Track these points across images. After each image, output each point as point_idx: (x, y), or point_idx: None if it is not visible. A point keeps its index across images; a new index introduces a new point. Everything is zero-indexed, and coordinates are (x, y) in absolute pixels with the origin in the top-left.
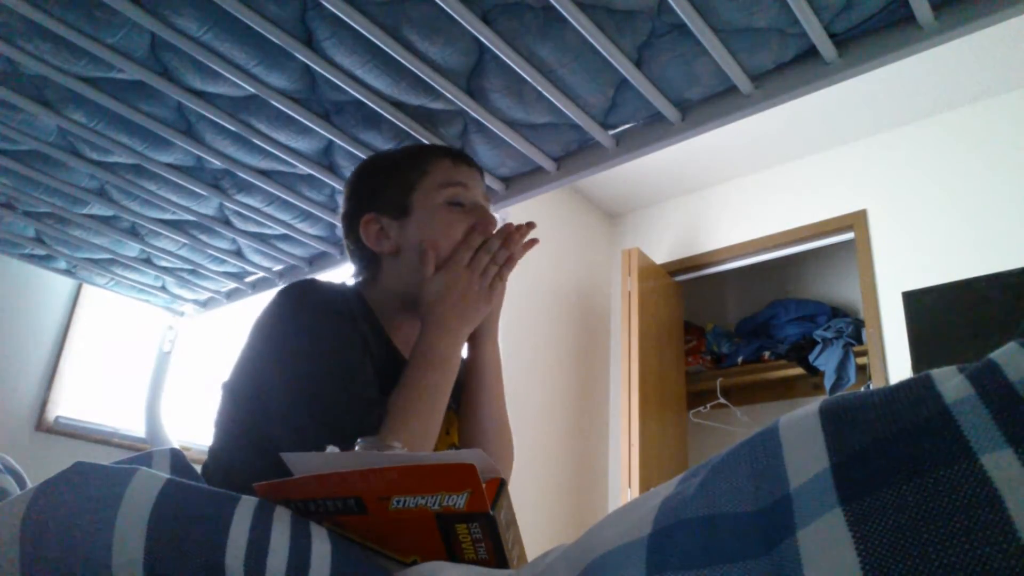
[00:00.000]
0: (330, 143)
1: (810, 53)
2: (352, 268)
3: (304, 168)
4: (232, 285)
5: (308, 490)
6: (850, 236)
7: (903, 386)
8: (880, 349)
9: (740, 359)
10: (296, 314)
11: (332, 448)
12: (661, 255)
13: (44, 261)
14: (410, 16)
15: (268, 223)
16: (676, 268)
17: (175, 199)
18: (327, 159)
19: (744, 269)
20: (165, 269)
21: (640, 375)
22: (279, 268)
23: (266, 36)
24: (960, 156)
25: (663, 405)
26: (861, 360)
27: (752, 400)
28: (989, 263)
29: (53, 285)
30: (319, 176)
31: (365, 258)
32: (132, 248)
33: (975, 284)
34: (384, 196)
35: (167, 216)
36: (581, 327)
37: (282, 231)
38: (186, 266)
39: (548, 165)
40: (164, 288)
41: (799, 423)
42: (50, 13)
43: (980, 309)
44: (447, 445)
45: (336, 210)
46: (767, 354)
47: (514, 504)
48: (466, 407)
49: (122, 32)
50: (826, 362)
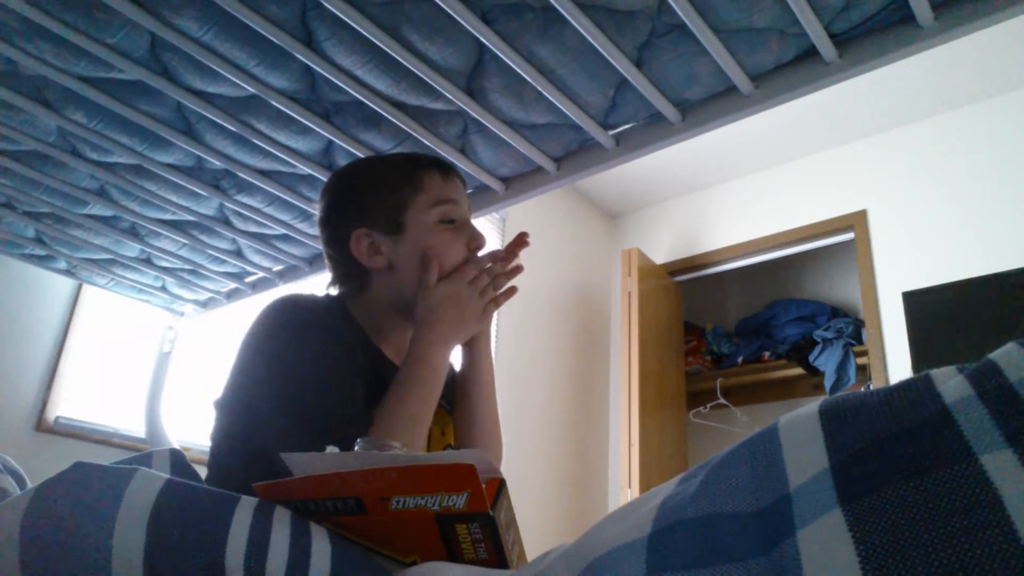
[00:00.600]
0: (330, 143)
1: (810, 53)
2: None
3: (304, 168)
4: (232, 285)
5: (308, 490)
6: (850, 236)
7: (903, 386)
8: (880, 349)
9: (740, 359)
10: (281, 330)
11: (332, 448)
12: (661, 255)
13: (44, 261)
14: (410, 16)
15: (268, 223)
16: (676, 268)
17: (175, 199)
18: (327, 159)
19: (744, 269)
20: (165, 269)
21: (640, 375)
22: (279, 268)
23: (266, 36)
24: (960, 156)
25: (663, 405)
26: (861, 360)
27: (752, 400)
28: (989, 263)
29: (53, 285)
30: (319, 176)
31: (352, 270)
32: (132, 248)
33: (975, 284)
34: (376, 213)
35: (167, 216)
36: (581, 327)
37: (282, 231)
38: (186, 266)
39: (548, 165)
40: (164, 288)
41: (799, 423)
42: (50, 13)
43: (980, 309)
44: (443, 445)
45: None
46: (767, 354)
47: (514, 504)
48: (460, 409)
49: (122, 32)
50: (826, 362)
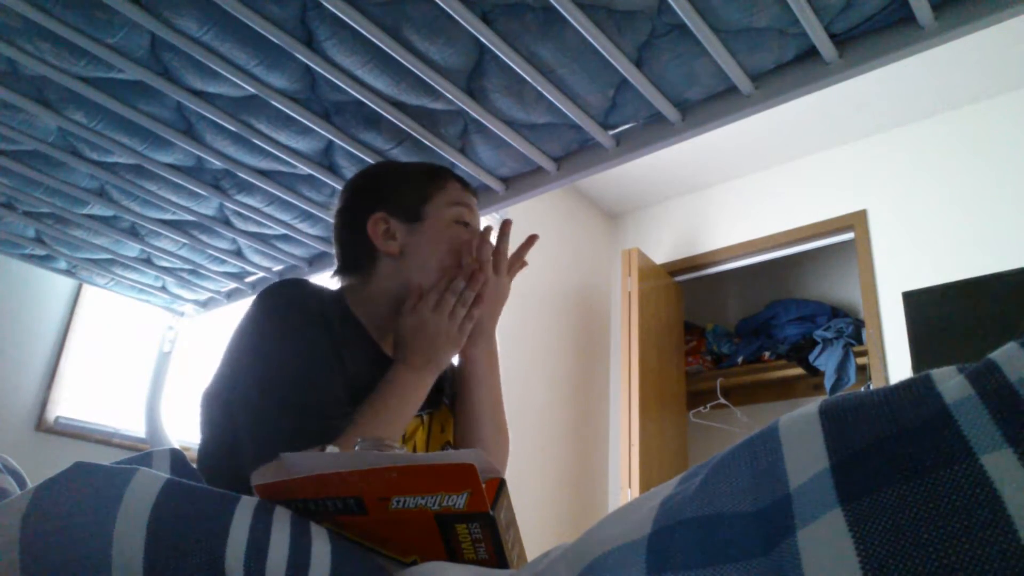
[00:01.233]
0: (330, 143)
1: (810, 53)
2: (334, 268)
3: (304, 168)
4: (232, 285)
5: (308, 490)
6: (850, 236)
7: (903, 386)
8: (880, 349)
9: (740, 359)
10: (269, 316)
11: (332, 448)
12: (661, 255)
13: (44, 261)
14: (410, 16)
15: (268, 223)
16: (676, 268)
17: (175, 199)
18: (327, 159)
19: (744, 269)
20: (165, 269)
21: (640, 375)
22: (279, 268)
23: (266, 36)
24: (960, 156)
25: (663, 405)
26: (861, 360)
27: (752, 400)
28: (989, 263)
29: (53, 285)
30: (319, 176)
31: (362, 255)
32: (132, 248)
33: (975, 284)
34: (397, 198)
35: (167, 216)
36: (581, 327)
37: (282, 231)
38: (186, 266)
39: (548, 165)
40: (164, 288)
41: (799, 423)
42: (50, 13)
43: (980, 309)
44: (442, 443)
45: None
46: (767, 354)
47: (514, 504)
48: (461, 406)
49: (122, 32)
50: (826, 362)
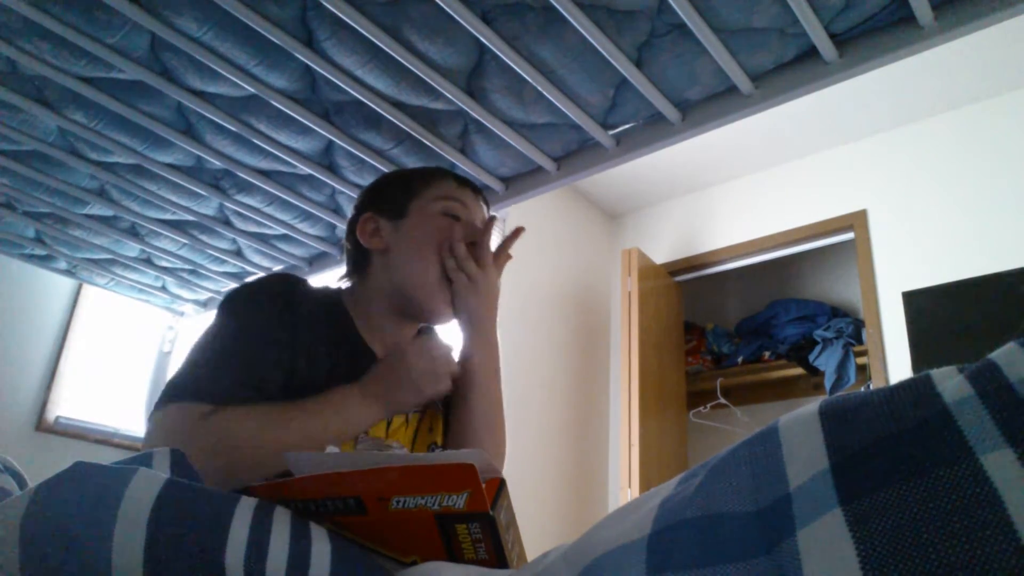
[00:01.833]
0: (330, 143)
1: (810, 53)
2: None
3: (304, 168)
4: (232, 285)
5: (308, 490)
6: (850, 236)
7: (903, 386)
8: (880, 349)
9: (740, 359)
10: (224, 309)
11: (332, 448)
12: (661, 255)
13: (44, 261)
14: (410, 16)
15: (268, 223)
16: (676, 268)
17: (175, 199)
18: (327, 159)
19: (744, 269)
20: (165, 269)
21: (640, 375)
22: (279, 268)
23: (266, 36)
24: (960, 156)
25: (663, 405)
26: (861, 360)
27: (752, 400)
28: (989, 263)
29: (53, 285)
30: (319, 176)
31: (356, 255)
32: (132, 248)
33: (975, 284)
34: (384, 197)
35: (167, 216)
36: (581, 327)
37: (282, 231)
38: (186, 266)
39: (548, 165)
40: (164, 288)
41: (799, 423)
42: (50, 13)
43: (980, 309)
44: (428, 443)
45: (336, 210)
46: (767, 354)
47: (514, 504)
48: (456, 405)
49: (122, 32)
50: (826, 362)
